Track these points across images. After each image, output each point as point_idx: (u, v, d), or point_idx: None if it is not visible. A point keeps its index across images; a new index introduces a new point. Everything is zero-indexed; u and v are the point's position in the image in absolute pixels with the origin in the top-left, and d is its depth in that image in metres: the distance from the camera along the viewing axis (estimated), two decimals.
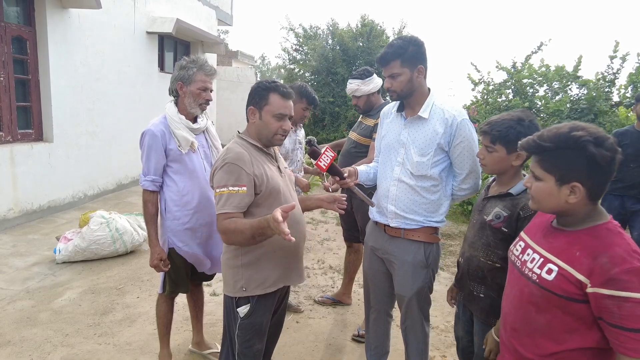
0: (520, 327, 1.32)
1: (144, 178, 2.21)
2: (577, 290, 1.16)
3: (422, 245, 2.02)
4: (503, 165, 1.71)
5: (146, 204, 2.23)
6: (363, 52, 8.83)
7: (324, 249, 4.77)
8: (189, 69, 2.19)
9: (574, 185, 1.18)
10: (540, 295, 1.24)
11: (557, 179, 1.21)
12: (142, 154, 2.20)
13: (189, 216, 2.23)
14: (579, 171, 1.17)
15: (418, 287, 2.04)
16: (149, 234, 2.25)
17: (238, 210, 1.67)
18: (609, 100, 6.63)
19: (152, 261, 2.24)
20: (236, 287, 1.76)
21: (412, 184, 1.98)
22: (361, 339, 2.92)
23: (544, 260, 1.25)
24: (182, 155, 2.21)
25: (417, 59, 1.91)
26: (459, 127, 1.91)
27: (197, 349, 2.72)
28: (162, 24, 7.57)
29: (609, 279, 1.10)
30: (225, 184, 1.66)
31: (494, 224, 1.68)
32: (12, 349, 2.68)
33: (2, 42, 4.83)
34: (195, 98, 2.22)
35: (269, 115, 1.77)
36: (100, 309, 3.22)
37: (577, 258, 1.17)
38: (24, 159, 5.06)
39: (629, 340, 1.10)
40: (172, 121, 2.20)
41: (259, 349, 1.83)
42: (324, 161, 1.97)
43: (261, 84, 1.80)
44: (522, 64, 7.30)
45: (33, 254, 4.19)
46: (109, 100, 6.53)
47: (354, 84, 2.92)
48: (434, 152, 1.94)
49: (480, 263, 1.74)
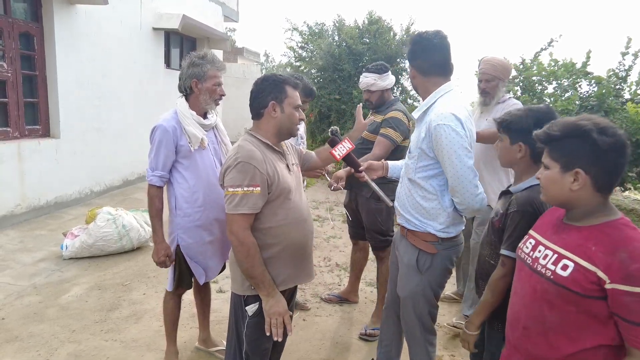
0: (532, 325, 1.30)
1: (151, 173, 2.18)
2: (594, 286, 1.14)
3: (417, 252, 1.94)
4: (509, 157, 1.69)
5: (152, 199, 2.20)
6: (370, 49, 8.77)
7: (330, 247, 4.75)
8: (202, 65, 2.17)
9: (576, 171, 1.20)
10: (555, 292, 1.21)
11: (561, 166, 1.23)
12: (152, 149, 2.17)
13: (200, 213, 2.22)
14: (582, 158, 1.19)
15: (410, 291, 1.98)
16: (154, 229, 2.23)
17: (253, 211, 1.66)
18: (619, 98, 6.53)
19: (157, 257, 2.23)
20: (245, 285, 1.74)
21: (409, 186, 1.96)
22: (368, 338, 2.89)
23: (559, 256, 1.23)
24: (192, 152, 2.20)
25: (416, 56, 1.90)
26: (433, 133, 1.74)
27: (203, 346, 2.71)
28: (169, 20, 7.55)
29: (628, 275, 1.08)
30: (240, 183, 1.63)
31: (494, 221, 1.69)
32: (19, 344, 2.68)
33: (9, 38, 4.84)
34: (211, 94, 2.22)
35: (291, 107, 1.79)
36: (107, 305, 3.22)
37: (593, 253, 1.15)
38: (31, 154, 5.07)
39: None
40: (183, 117, 2.18)
41: (267, 347, 1.81)
42: (339, 151, 1.97)
43: (275, 78, 1.78)
44: (531, 60, 7.21)
45: (40, 250, 4.20)
46: (115, 97, 6.53)
47: (371, 78, 2.86)
48: (417, 156, 1.87)
49: (485, 262, 1.74)
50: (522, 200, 1.56)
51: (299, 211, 1.80)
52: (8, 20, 4.81)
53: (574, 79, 6.77)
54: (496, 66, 2.79)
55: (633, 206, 7.42)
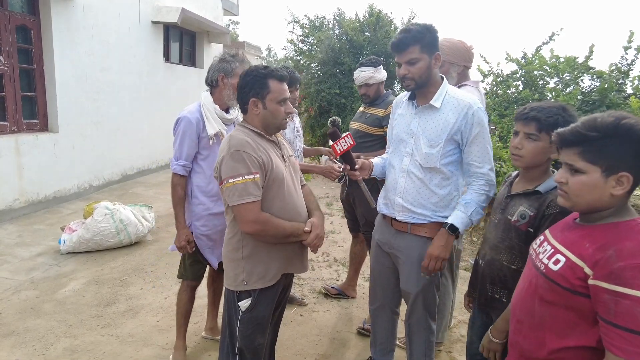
0: (524, 319, 1.29)
1: (175, 162, 2.27)
2: (581, 282, 1.11)
3: (429, 242, 1.94)
4: (542, 158, 1.55)
5: (175, 187, 2.29)
6: (370, 42, 8.70)
7: (328, 242, 4.73)
8: (231, 62, 2.28)
9: (622, 175, 1.11)
10: (546, 287, 1.20)
11: (603, 169, 1.12)
12: (176, 139, 2.27)
13: (214, 202, 2.30)
14: (628, 161, 1.11)
15: (423, 284, 1.99)
16: (176, 216, 2.31)
17: (258, 199, 1.65)
18: (622, 92, 6.47)
19: (179, 242, 2.31)
20: (237, 280, 1.73)
21: (421, 177, 1.91)
22: (366, 332, 2.88)
23: (554, 251, 1.22)
24: (212, 144, 2.28)
25: (435, 46, 1.85)
26: (475, 116, 1.83)
27: (210, 334, 2.78)
28: (168, 14, 7.50)
29: (610, 273, 1.05)
30: (240, 172, 1.62)
31: (519, 225, 1.56)
32: (15, 339, 2.68)
33: (6, 32, 4.80)
34: (234, 91, 2.29)
35: (274, 102, 1.73)
36: (104, 300, 3.22)
37: (585, 249, 1.13)
38: (29, 149, 5.05)
39: (619, 338, 1.04)
40: (206, 110, 2.28)
41: (260, 343, 1.79)
42: (341, 145, 1.94)
43: (256, 72, 1.72)
44: (533, 55, 7.15)
45: (38, 244, 4.19)
46: (114, 91, 6.50)
47: (368, 72, 2.85)
48: (444, 144, 1.86)
49: (503, 267, 1.62)
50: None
51: (294, 204, 1.78)
52: (4, 13, 4.77)
53: (576, 73, 6.71)
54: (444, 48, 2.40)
55: (635, 202, 7.37)
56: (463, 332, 2.93)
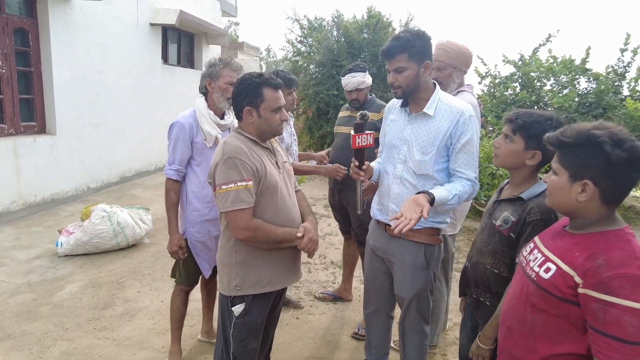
0: (515, 326, 1.31)
1: (169, 167, 2.29)
2: (571, 290, 1.13)
3: (423, 247, 1.96)
4: (515, 160, 1.60)
5: (169, 192, 2.30)
6: (369, 44, 8.72)
7: (325, 244, 4.74)
8: (216, 66, 2.29)
9: (585, 182, 1.15)
10: (537, 295, 1.22)
11: (570, 174, 1.19)
12: (169, 144, 2.29)
13: (209, 208, 2.30)
14: (592, 169, 1.14)
15: (417, 289, 2.00)
16: (169, 221, 2.33)
17: (250, 206, 1.65)
18: (618, 94, 6.50)
19: (171, 247, 2.32)
20: (230, 285, 1.74)
21: (414, 183, 1.92)
22: (361, 337, 2.89)
23: (545, 259, 1.23)
24: (206, 149, 2.29)
25: (425, 54, 1.84)
26: (466, 124, 1.83)
27: (206, 337, 2.79)
28: (165, 16, 7.51)
29: (599, 282, 1.07)
30: (232, 179, 1.63)
31: (502, 230, 1.60)
32: (12, 342, 2.69)
33: (4, 34, 4.81)
34: (222, 92, 2.31)
35: (268, 111, 1.73)
36: (101, 303, 3.22)
37: (576, 258, 1.15)
38: (27, 151, 5.06)
39: (607, 347, 1.06)
40: (201, 115, 2.29)
41: (254, 348, 1.81)
42: (362, 140, 1.87)
43: (250, 81, 1.72)
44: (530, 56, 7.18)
45: (36, 247, 4.20)
46: (112, 93, 6.51)
47: (359, 77, 2.88)
48: (436, 151, 1.87)
49: (486, 270, 1.66)
50: (544, 208, 1.48)
51: (287, 210, 1.79)
52: (2, 15, 4.78)
53: (573, 75, 6.74)
54: (450, 52, 2.43)
55: (631, 203, 7.41)
56: (457, 334, 2.94)
